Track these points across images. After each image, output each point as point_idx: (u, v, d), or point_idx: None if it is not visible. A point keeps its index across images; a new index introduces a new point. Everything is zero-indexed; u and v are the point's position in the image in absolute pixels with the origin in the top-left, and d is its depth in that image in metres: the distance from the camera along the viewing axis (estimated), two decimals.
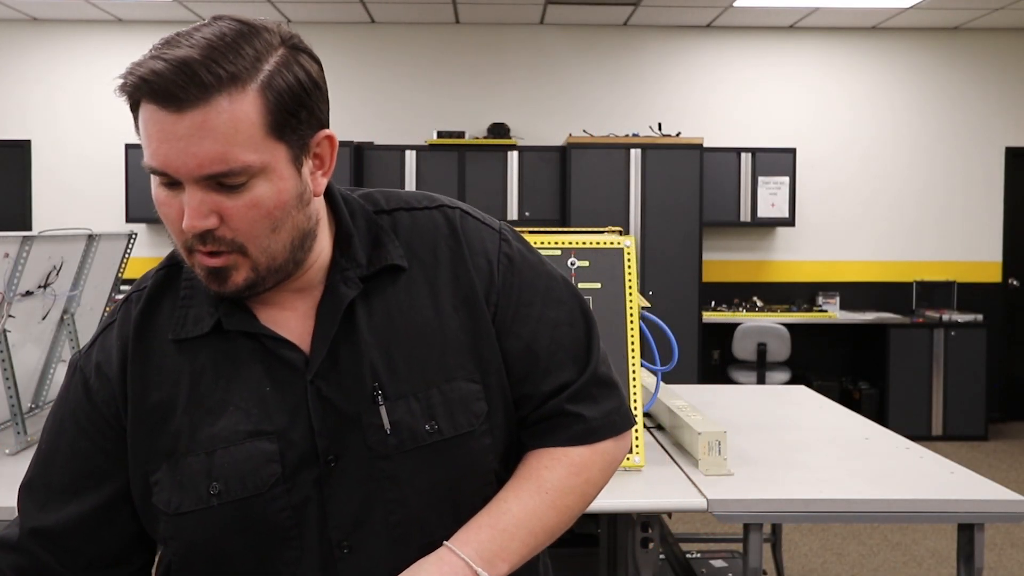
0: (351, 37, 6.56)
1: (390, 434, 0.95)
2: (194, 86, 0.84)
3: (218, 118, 0.85)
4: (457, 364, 0.98)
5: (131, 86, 0.86)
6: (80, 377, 0.99)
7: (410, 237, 1.02)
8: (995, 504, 1.91)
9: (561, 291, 1.06)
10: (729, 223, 6.29)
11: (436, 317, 0.99)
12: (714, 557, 3.21)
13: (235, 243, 0.90)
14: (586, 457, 1.03)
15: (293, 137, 0.90)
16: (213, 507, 0.93)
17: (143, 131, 0.88)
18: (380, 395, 0.95)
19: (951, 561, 3.82)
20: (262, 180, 0.88)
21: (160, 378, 0.96)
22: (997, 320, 6.52)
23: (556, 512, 1.00)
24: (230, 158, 0.86)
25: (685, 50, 6.63)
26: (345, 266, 0.98)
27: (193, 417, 0.95)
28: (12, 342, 2.34)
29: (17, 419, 2.31)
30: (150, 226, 6.39)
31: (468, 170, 6.09)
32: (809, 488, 1.96)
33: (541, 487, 1.00)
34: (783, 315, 6.18)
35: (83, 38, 6.51)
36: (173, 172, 0.87)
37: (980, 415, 6.04)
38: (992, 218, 6.67)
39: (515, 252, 1.05)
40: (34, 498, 0.99)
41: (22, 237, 2.29)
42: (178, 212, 0.89)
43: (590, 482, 1.03)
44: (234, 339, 0.96)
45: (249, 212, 0.88)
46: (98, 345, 1.00)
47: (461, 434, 0.97)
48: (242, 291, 0.93)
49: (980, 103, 6.64)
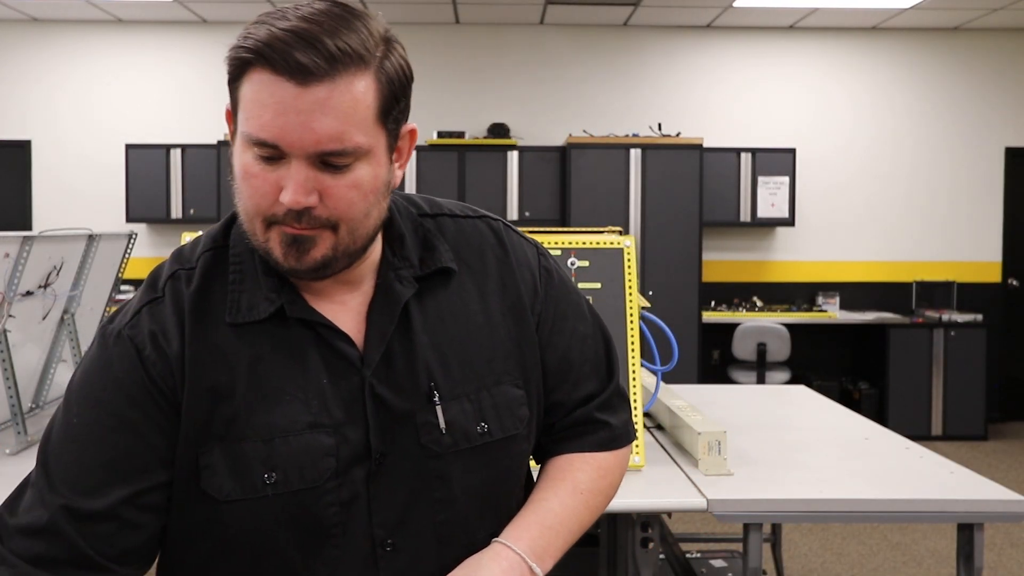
0: None
1: (445, 433, 0.96)
2: (323, 59, 0.83)
3: (341, 96, 0.84)
4: (504, 369, 1.01)
5: (251, 51, 0.84)
6: (129, 347, 0.92)
7: (456, 243, 1.03)
8: (995, 504, 1.91)
9: (584, 307, 1.13)
10: (729, 223, 6.29)
11: (486, 322, 1.01)
12: (714, 557, 3.21)
13: (329, 222, 0.89)
14: (610, 461, 1.11)
15: (392, 125, 0.91)
16: (267, 496, 0.90)
17: (252, 100, 0.85)
18: (436, 394, 0.96)
19: (951, 561, 3.82)
20: (364, 163, 0.89)
21: (217, 360, 0.92)
22: (997, 320, 6.52)
23: (589, 512, 1.06)
24: (346, 137, 0.86)
25: (685, 50, 6.64)
26: (398, 265, 0.99)
27: (250, 402, 0.92)
28: (12, 342, 2.34)
29: (17, 419, 2.31)
30: (150, 226, 6.40)
31: (468, 170, 6.09)
32: (809, 488, 1.96)
33: (577, 488, 1.06)
34: (783, 315, 6.18)
35: (83, 38, 6.51)
36: (286, 146, 0.85)
37: (980, 415, 6.04)
38: (992, 218, 6.67)
39: (552, 267, 1.10)
40: (67, 475, 0.89)
41: (22, 237, 2.29)
42: (272, 186, 0.87)
43: (613, 485, 1.12)
44: (291, 327, 0.94)
45: (348, 193, 0.88)
46: (146, 316, 0.94)
47: (508, 436, 1.01)
48: (315, 268, 0.91)
49: (980, 103, 6.64)
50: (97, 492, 0.88)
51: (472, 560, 0.96)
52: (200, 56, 6.53)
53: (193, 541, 0.94)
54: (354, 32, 0.85)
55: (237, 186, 0.91)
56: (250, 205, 0.90)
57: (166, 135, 6.42)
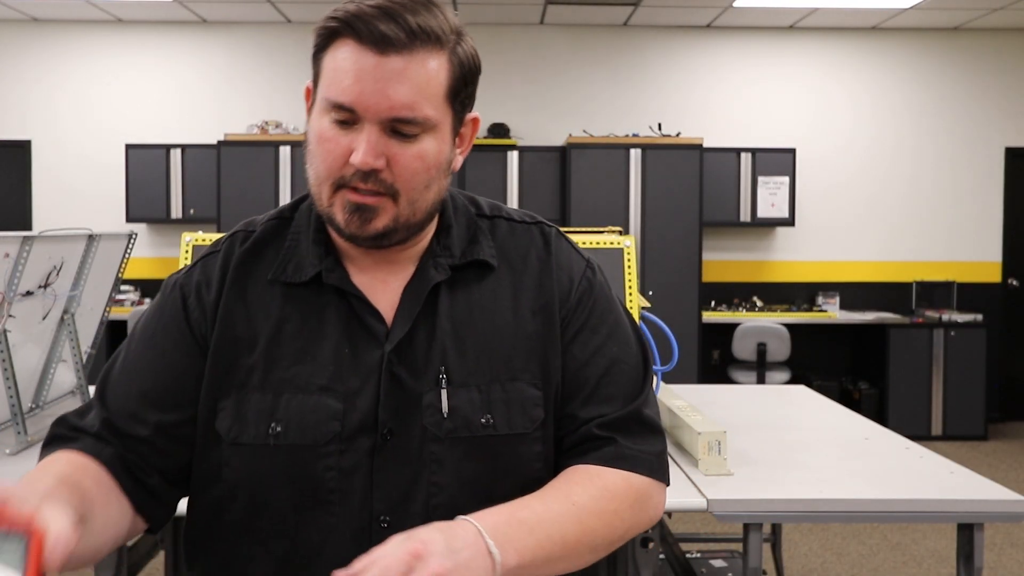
0: None
1: (446, 418, 0.97)
2: (403, 32, 0.91)
3: (417, 69, 0.92)
4: (523, 367, 1.01)
5: (340, 21, 0.92)
6: (179, 294, 1.03)
7: (504, 243, 1.07)
8: (995, 504, 1.91)
9: (628, 334, 1.08)
10: (729, 223, 6.29)
11: (514, 319, 1.02)
12: (714, 557, 3.21)
13: (392, 188, 0.94)
14: (619, 486, 1.00)
15: (458, 108, 0.98)
16: (268, 446, 0.96)
17: (335, 68, 0.93)
18: (444, 379, 0.98)
19: (951, 561, 3.82)
20: (430, 137, 0.95)
21: (249, 313, 1.00)
22: (997, 320, 6.52)
23: (578, 527, 0.95)
24: (417, 107, 0.92)
25: (685, 50, 6.64)
26: (439, 253, 1.03)
27: (270, 357, 0.98)
28: (12, 342, 2.34)
29: (17, 419, 2.31)
30: (150, 226, 6.40)
31: (468, 170, 6.09)
32: (809, 488, 1.96)
33: (568, 497, 0.96)
34: (783, 315, 6.18)
35: (83, 38, 6.51)
36: (362, 110, 0.92)
37: (980, 415, 6.04)
38: (992, 218, 6.67)
39: (597, 283, 1.09)
40: (116, 399, 1.01)
41: (22, 237, 2.29)
42: (344, 149, 0.93)
43: (618, 514, 0.99)
44: (326, 295, 1.00)
45: (414, 162, 0.94)
46: (199, 268, 1.04)
47: (514, 434, 0.99)
48: (376, 236, 0.96)
49: (980, 103, 6.64)
50: (136, 418, 0.99)
51: (428, 525, 0.88)
52: (200, 56, 6.53)
53: (207, 484, 1.00)
54: (433, 16, 0.94)
55: (310, 151, 0.97)
56: (321, 168, 0.96)
57: (166, 135, 6.42)
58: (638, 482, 1.02)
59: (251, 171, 5.95)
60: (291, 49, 6.54)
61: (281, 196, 5.96)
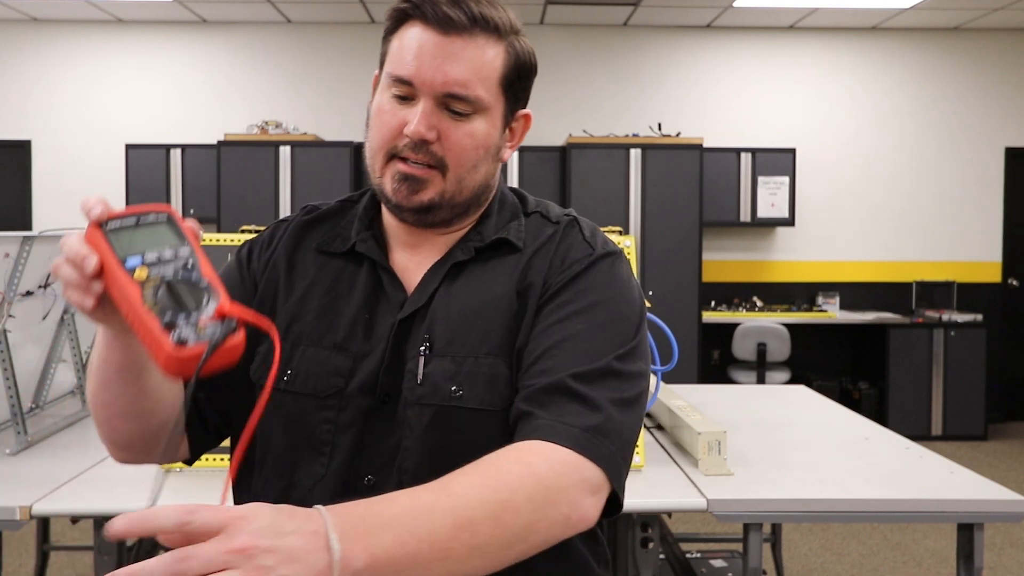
0: (351, 37, 6.56)
1: (419, 384, 1.01)
2: (465, 16, 0.99)
3: (474, 51, 1.00)
4: (500, 344, 1.01)
5: (410, 3, 1.01)
6: (246, 249, 1.15)
7: (536, 235, 1.10)
8: (994, 504, 1.92)
9: (610, 321, 1.00)
10: (729, 223, 6.29)
11: (503, 295, 1.04)
12: (714, 557, 3.21)
13: (442, 162, 1.01)
14: (512, 474, 0.85)
15: (511, 99, 1.05)
16: (280, 390, 1.04)
17: (401, 47, 1.01)
18: (426, 348, 1.02)
19: (951, 561, 3.82)
20: (481, 118, 1.02)
21: (290, 272, 1.10)
22: (997, 320, 6.52)
23: (453, 523, 0.80)
24: (470, 86, 1.00)
25: (685, 50, 6.64)
26: (471, 238, 1.08)
27: (298, 311, 1.07)
28: (12, 342, 2.34)
29: (17, 419, 2.31)
30: None
31: None
32: (809, 488, 1.97)
33: (445, 488, 0.83)
34: (783, 315, 6.18)
35: (83, 38, 6.51)
36: (419, 83, 0.99)
37: (980, 415, 6.04)
38: (992, 218, 6.67)
39: (596, 271, 1.03)
40: None
41: (22, 237, 2.29)
42: (399, 121, 1.00)
43: (508, 507, 0.83)
44: (360, 266, 1.08)
45: (464, 139, 1.01)
46: (268, 231, 1.17)
47: (481, 409, 0.99)
48: (421, 208, 1.02)
49: (980, 103, 6.64)
50: None
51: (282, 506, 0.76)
52: (200, 56, 6.53)
53: (238, 424, 1.09)
54: (495, 9, 1.02)
55: (371, 124, 1.04)
56: (376, 139, 1.03)
57: (166, 135, 6.42)
58: (543, 466, 0.86)
59: (251, 171, 5.95)
60: (291, 49, 6.55)
61: (281, 196, 5.96)
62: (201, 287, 0.79)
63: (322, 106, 6.53)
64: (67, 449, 2.32)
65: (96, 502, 1.93)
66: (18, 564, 3.72)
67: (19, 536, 3.84)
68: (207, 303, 0.78)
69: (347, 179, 5.92)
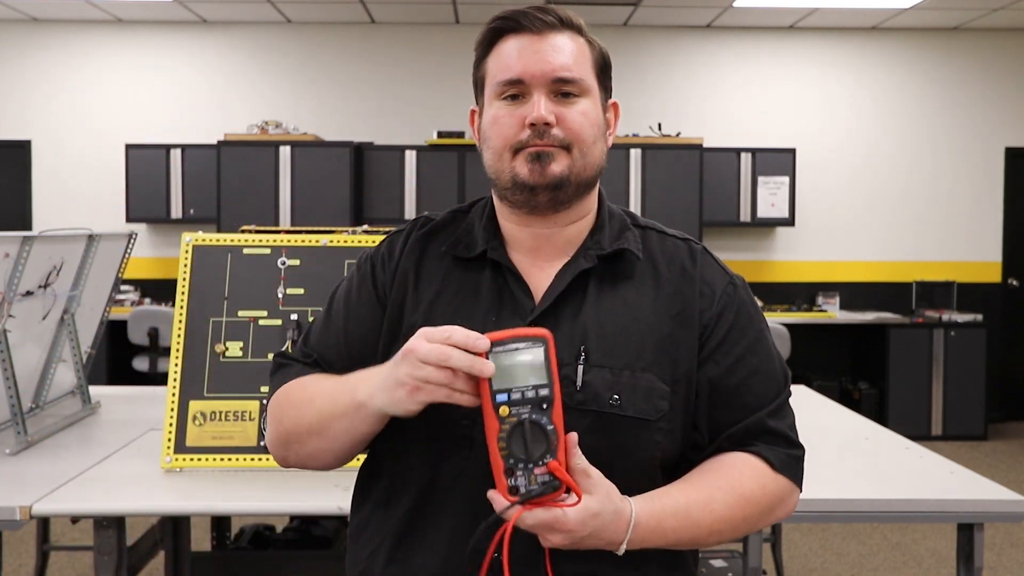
0: (351, 37, 6.56)
1: (579, 390, 1.08)
2: (552, 17, 1.12)
3: (568, 42, 1.13)
4: (654, 361, 1.11)
5: (500, 20, 1.13)
6: (369, 265, 1.23)
7: (653, 250, 1.19)
8: (994, 504, 1.91)
9: (769, 349, 1.18)
10: (729, 223, 6.28)
11: (653, 316, 1.13)
12: (714, 557, 3.20)
13: (565, 141, 1.11)
14: (755, 493, 1.11)
15: (604, 87, 1.18)
16: None
17: (500, 58, 1.13)
18: (583, 356, 1.10)
19: (951, 561, 3.82)
20: (588, 99, 1.14)
21: (419, 280, 1.18)
22: (997, 320, 6.52)
23: (708, 531, 1.08)
24: (575, 68, 1.12)
25: (685, 50, 6.63)
26: (590, 246, 1.17)
27: (430, 316, 1.14)
28: (12, 342, 2.34)
29: (17, 419, 2.31)
30: (150, 226, 6.40)
31: (468, 170, 6.08)
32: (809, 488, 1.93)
33: (708, 506, 1.08)
34: (783, 315, 6.17)
35: (83, 38, 6.50)
36: (528, 78, 1.10)
37: (980, 415, 6.04)
38: (992, 218, 6.67)
39: (739, 298, 1.18)
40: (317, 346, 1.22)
41: (22, 237, 2.29)
42: (517, 119, 1.11)
43: (748, 519, 1.11)
44: (486, 270, 1.16)
45: (579, 118, 1.12)
46: (386, 244, 1.24)
47: (638, 418, 1.09)
48: (554, 182, 1.11)
49: (980, 103, 6.64)
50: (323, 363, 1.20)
51: (611, 491, 1.01)
52: (200, 56, 6.53)
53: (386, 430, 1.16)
54: (574, 16, 1.15)
55: (486, 137, 1.14)
56: (499, 142, 1.12)
57: (166, 135, 6.41)
58: (773, 485, 1.12)
59: (251, 171, 5.95)
60: (291, 49, 6.54)
61: (281, 196, 5.96)
62: (547, 433, 0.96)
63: (322, 106, 6.53)
64: (67, 449, 2.32)
65: (96, 502, 1.92)
66: (18, 564, 3.72)
67: (19, 536, 3.84)
68: (545, 455, 0.96)
69: (347, 179, 5.92)
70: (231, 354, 2.20)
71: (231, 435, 2.13)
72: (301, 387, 1.17)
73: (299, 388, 1.17)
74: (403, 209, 6.07)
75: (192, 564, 2.85)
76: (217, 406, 2.15)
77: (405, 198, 6.09)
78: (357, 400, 1.07)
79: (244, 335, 2.21)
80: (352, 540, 1.21)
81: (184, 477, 2.08)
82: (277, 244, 2.27)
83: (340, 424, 1.10)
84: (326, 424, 1.11)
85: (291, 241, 2.28)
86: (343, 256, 2.26)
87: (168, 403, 2.15)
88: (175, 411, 2.14)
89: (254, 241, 2.28)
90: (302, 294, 2.24)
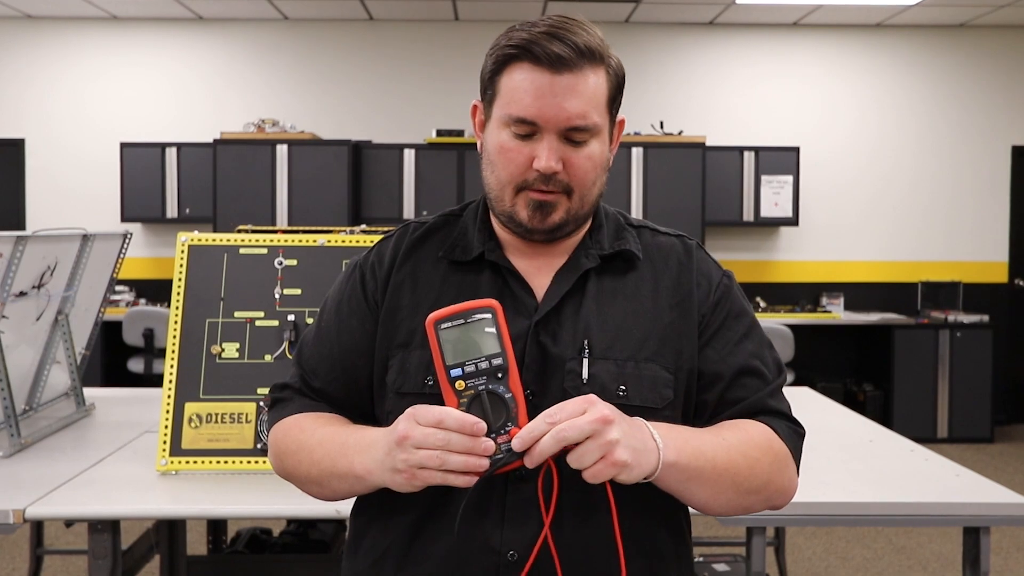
0: (349, 34, 6.53)
1: (585, 384, 1.10)
2: (573, 52, 1.08)
3: (585, 83, 1.09)
4: (658, 351, 1.14)
5: (516, 47, 1.10)
6: (359, 273, 1.23)
7: (649, 246, 1.22)
8: (1001, 507, 1.90)
9: (762, 337, 1.22)
10: (732, 223, 6.26)
11: (653, 307, 1.16)
12: (717, 560, 3.18)
13: (568, 187, 1.12)
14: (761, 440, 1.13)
15: (614, 113, 1.16)
16: (425, 395, 1.10)
17: (513, 88, 1.10)
18: (587, 350, 1.12)
19: (957, 565, 3.79)
20: (596, 140, 1.13)
21: (415, 285, 1.18)
22: (1003, 321, 6.48)
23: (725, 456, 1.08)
24: (588, 116, 1.10)
25: (687, 48, 6.60)
26: (590, 246, 1.19)
27: None
28: (6, 343, 2.32)
29: (11, 421, 2.29)
30: (145, 226, 6.37)
31: (467, 169, 6.06)
32: (813, 491, 1.94)
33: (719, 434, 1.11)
34: (787, 316, 6.14)
35: (78, 35, 6.48)
36: (543, 122, 1.09)
37: (986, 417, 6.00)
38: (998, 218, 6.63)
39: (732, 290, 1.22)
40: (308, 359, 1.23)
41: (16, 237, 2.27)
42: (525, 157, 1.10)
43: (759, 463, 1.11)
44: (484, 273, 1.17)
45: (585, 163, 1.12)
46: (375, 251, 1.24)
47: (645, 407, 1.10)
48: (554, 228, 1.13)
49: (986, 101, 6.60)
50: (318, 375, 1.21)
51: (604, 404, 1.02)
52: (196, 53, 6.51)
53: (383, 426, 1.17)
54: (590, 35, 1.10)
55: (490, 160, 1.14)
56: (504, 174, 1.12)
57: (162, 133, 6.39)
58: (778, 445, 1.15)
59: (248, 170, 5.92)
60: (288, 46, 6.52)
61: (278, 195, 5.93)
62: (506, 401, 0.99)
63: (320, 104, 6.50)
64: (61, 452, 2.30)
65: (90, 505, 1.92)
66: (11, 568, 3.69)
67: (12, 540, 3.82)
68: (507, 423, 0.98)
69: (345, 177, 5.90)
70: (227, 355, 2.18)
71: (227, 437, 2.12)
72: (299, 429, 1.18)
73: (297, 430, 1.18)
74: (402, 208, 6.05)
75: (188, 568, 2.83)
76: (213, 408, 2.13)
77: (404, 197, 6.07)
78: (355, 473, 1.08)
79: (241, 336, 2.20)
80: (350, 548, 1.21)
81: (180, 480, 2.06)
82: (274, 244, 2.26)
83: (339, 484, 1.13)
84: (325, 481, 1.14)
85: (288, 241, 2.26)
86: (341, 256, 2.24)
87: (163, 405, 2.13)
88: (170, 413, 2.12)
89: (251, 241, 2.26)
90: (299, 295, 2.22)
